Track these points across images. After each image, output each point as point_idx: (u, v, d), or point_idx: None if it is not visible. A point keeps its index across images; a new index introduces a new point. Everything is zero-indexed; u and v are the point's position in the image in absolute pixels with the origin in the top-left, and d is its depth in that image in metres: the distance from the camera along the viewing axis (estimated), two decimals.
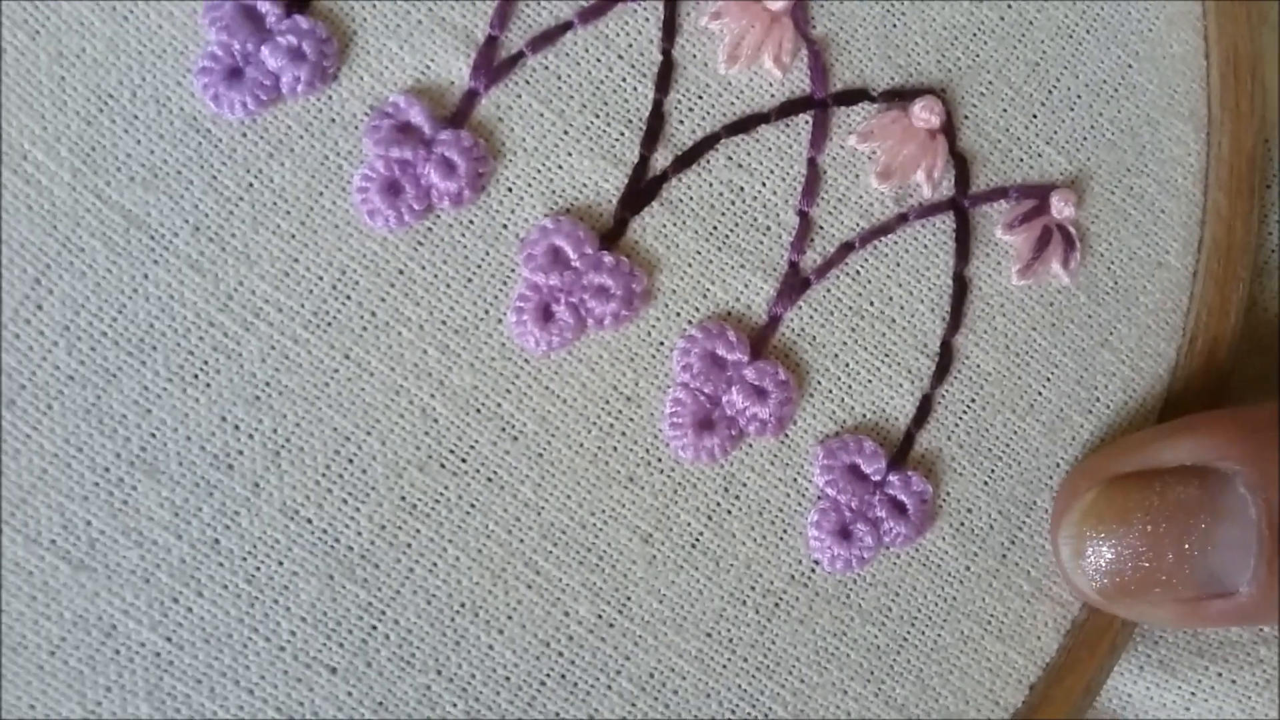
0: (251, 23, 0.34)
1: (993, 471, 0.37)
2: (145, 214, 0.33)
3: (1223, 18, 0.39)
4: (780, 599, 0.35)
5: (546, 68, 0.35)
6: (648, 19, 0.36)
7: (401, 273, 0.34)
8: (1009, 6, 0.38)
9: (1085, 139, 0.38)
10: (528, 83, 0.35)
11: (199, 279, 0.33)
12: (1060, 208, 0.37)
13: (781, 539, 0.36)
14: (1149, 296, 0.38)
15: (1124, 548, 0.34)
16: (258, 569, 0.33)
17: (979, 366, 0.37)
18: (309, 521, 0.33)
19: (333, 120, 0.34)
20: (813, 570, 0.36)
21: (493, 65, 0.35)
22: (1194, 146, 0.39)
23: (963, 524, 0.36)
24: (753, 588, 0.35)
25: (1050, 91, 0.38)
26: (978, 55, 0.37)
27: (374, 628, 0.33)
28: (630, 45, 0.36)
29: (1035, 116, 0.38)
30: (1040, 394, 0.37)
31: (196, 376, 0.33)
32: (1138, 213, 0.38)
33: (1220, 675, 0.37)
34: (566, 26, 0.35)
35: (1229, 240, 0.38)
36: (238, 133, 0.34)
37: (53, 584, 0.32)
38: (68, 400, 0.32)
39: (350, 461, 0.34)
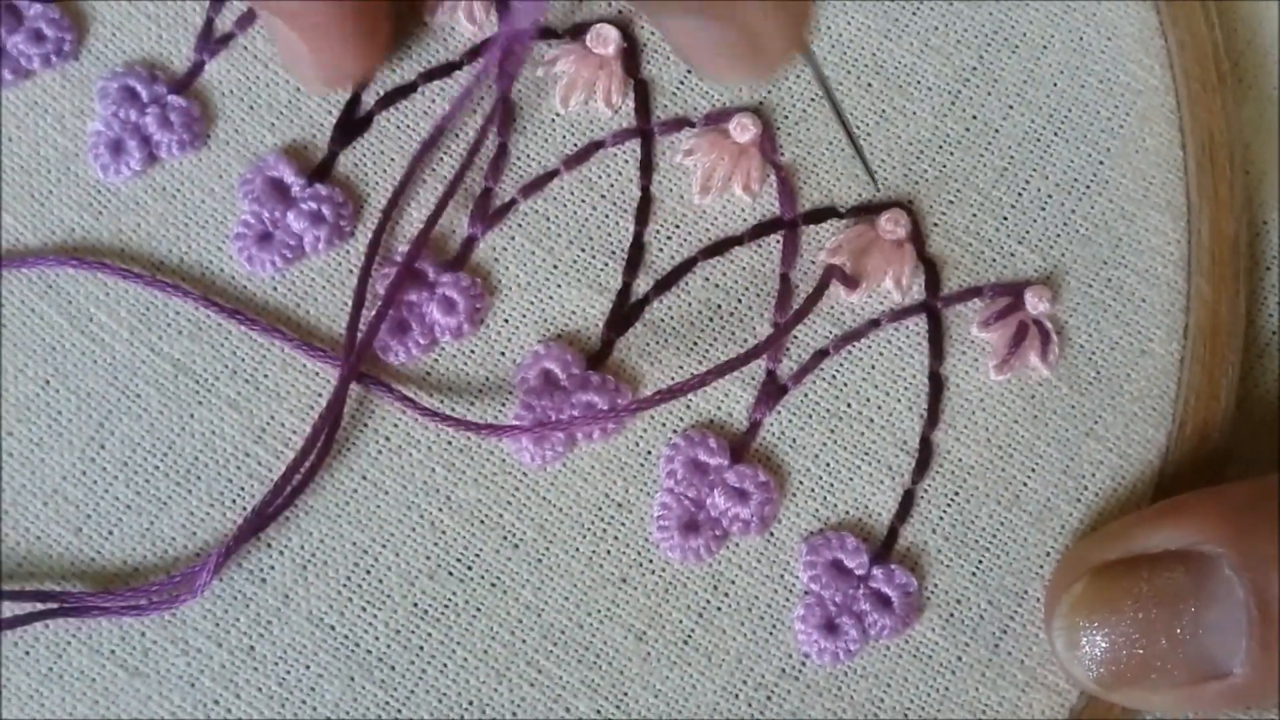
0: (278, 193, 0.37)
1: (980, 562, 0.36)
2: (191, 362, 0.37)
3: (1197, 108, 0.38)
4: (772, 692, 0.35)
5: (536, 211, 0.37)
6: (626, 160, 0.38)
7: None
8: (974, 118, 0.38)
9: (1059, 236, 0.38)
10: (520, 225, 0.37)
11: (236, 416, 0.36)
12: (1035, 303, 0.37)
13: (771, 634, 0.36)
14: (1134, 384, 0.37)
15: (1117, 636, 0.33)
16: (288, 672, 0.35)
17: (960, 460, 0.36)
18: (332, 628, 0.36)
19: (350, 271, 0.37)
20: (803, 664, 0.35)
21: (488, 213, 0.37)
22: (1173, 235, 0.38)
23: (952, 615, 0.36)
24: (744, 682, 0.35)
25: (1020, 194, 0.38)
26: (944, 166, 0.38)
27: None
28: (611, 185, 0.38)
29: (1006, 219, 0.38)
30: (1025, 485, 0.36)
31: (234, 501, 0.36)
32: (1117, 303, 0.37)
33: None
34: (553, 174, 0.38)
35: (1214, 324, 0.37)
36: (269, 286, 0.37)
37: (112, 689, 0.35)
38: (126, 527, 0.36)
39: (368, 573, 0.36)
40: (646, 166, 0.38)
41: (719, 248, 0.37)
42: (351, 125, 0.38)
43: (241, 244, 0.37)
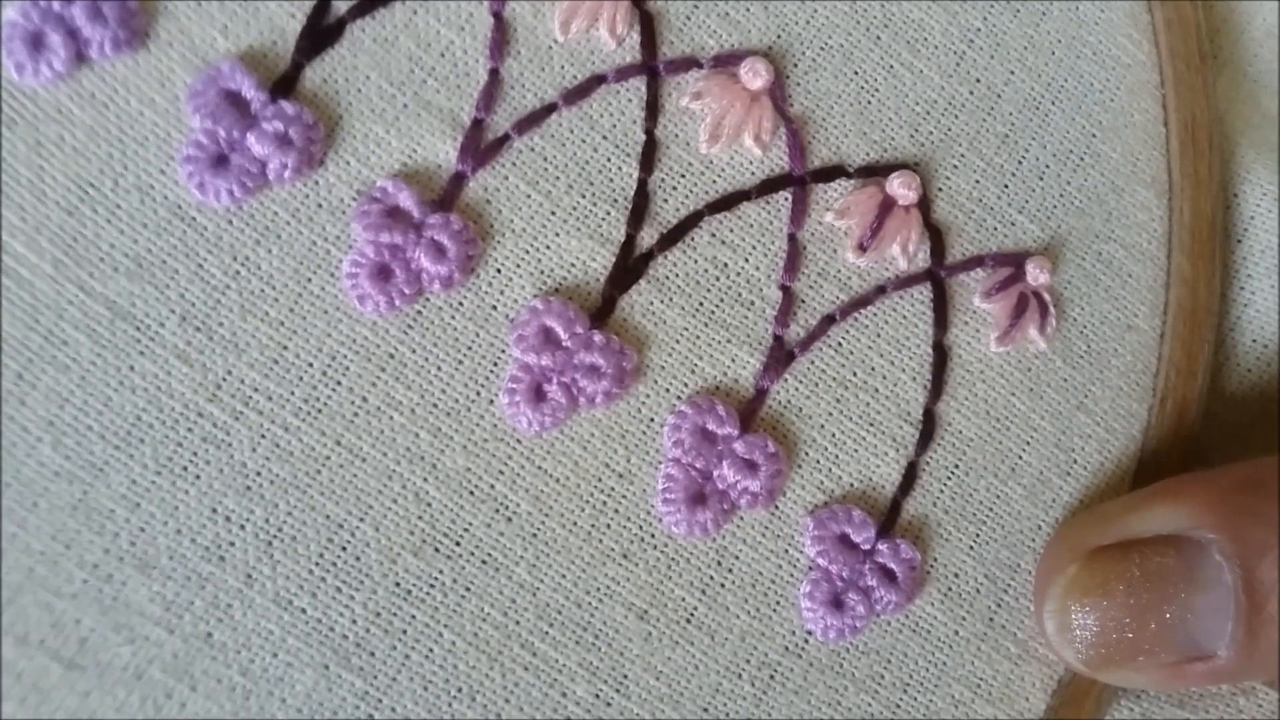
0: (236, 109, 0.31)
1: (978, 536, 0.35)
2: (130, 305, 0.30)
3: (1181, 87, 0.37)
4: (775, 671, 0.33)
5: (532, 149, 0.33)
6: (630, 100, 0.34)
7: (392, 357, 0.32)
8: (978, 81, 0.36)
9: (1055, 207, 0.36)
10: (514, 164, 0.33)
11: (186, 369, 0.31)
12: (1035, 275, 0.35)
13: (775, 611, 0.33)
14: (1120, 359, 0.36)
15: (1108, 619, 0.33)
16: (252, 661, 0.30)
17: (961, 433, 0.35)
18: (303, 611, 0.31)
19: (320, 206, 0.32)
20: (806, 641, 0.33)
21: (479, 148, 0.33)
22: (1157, 212, 0.37)
23: (950, 589, 0.35)
24: (748, 661, 0.33)
25: (1020, 162, 0.36)
26: (950, 129, 0.36)
27: (370, 717, 0.31)
28: (614, 126, 0.34)
29: (1007, 187, 0.36)
30: (1021, 458, 0.35)
31: (186, 468, 0.30)
32: (1107, 278, 0.37)
33: None
34: (551, 108, 0.33)
35: (1193, 303, 0.36)
36: (223, 220, 0.31)
37: (43, 685, 0.29)
38: (54, 496, 0.30)
39: (344, 549, 0.31)
40: (652, 108, 0.34)
41: (727, 202, 0.34)
42: (320, 33, 0.32)
43: (192, 168, 0.31)
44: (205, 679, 0.30)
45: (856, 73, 0.35)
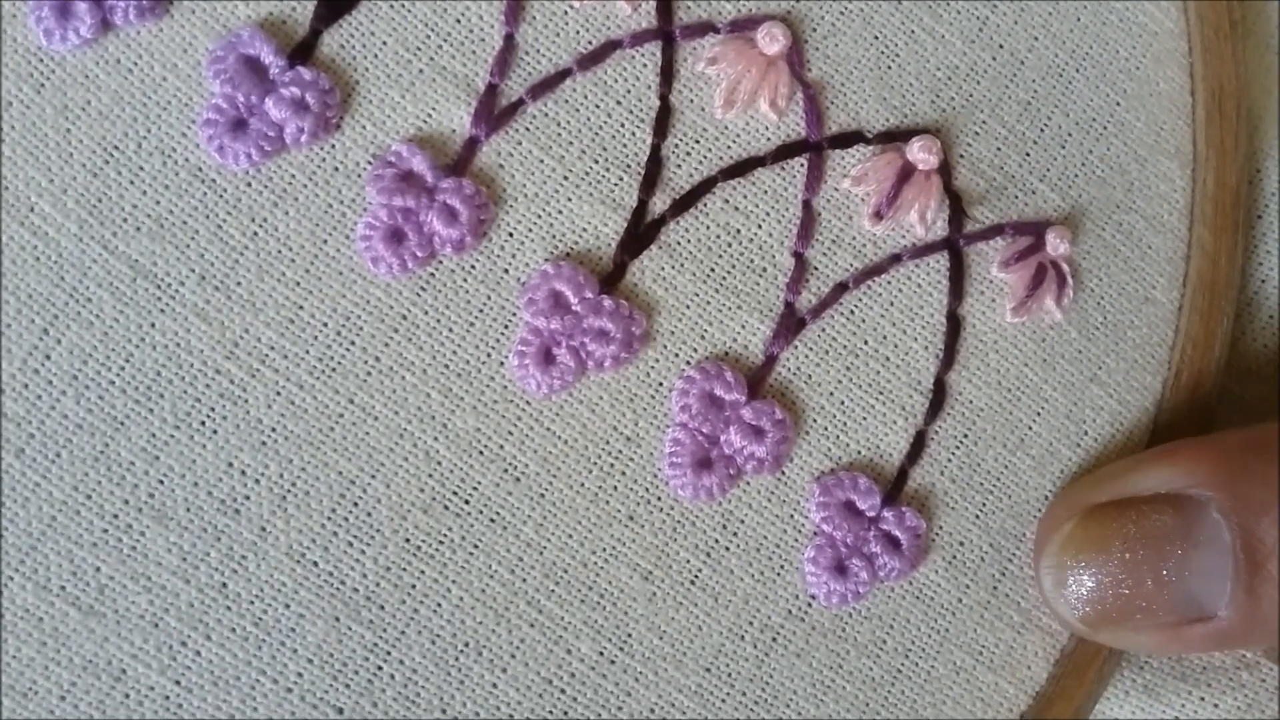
0: (255, 75, 0.31)
1: (984, 505, 0.34)
2: (152, 264, 0.31)
3: (1209, 55, 0.36)
4: (778, 634, 0.33)
5: (546, 114, 0.33)
6: (645, 65, 0.33)
7: (404, 318, 0.32)
8: (1000, 46, 0.35)
9: (1077, 176, 0.35)
10: (528, 130, 0.33)
11: (205, 327, 0.31)
12: (1055, 245, 0.34)
13: (778, 575, 0.33)
14: (1136, 331, 0.35)
15: (1104, 576, 0.32)
16: (265, 612, 0.31)
17: (972, 403, 0.34)
18: (315, 564, 0.31)
19: (336, 169, 0.32)
20: (809, 605, 0.33)
21: (493, 113, 0.32)
22: (1180, 183, 0.36)
23: (955, 557, 0.34)
24: (751, 623, 0.33)
25: (1042, 130, 0.35)
26: (971, 95, 0.35)
27: (379, 668, 0.31)
28: (628, 91, 0.33)
29: (1029, 154, 0.35)
30: (1031, 429, 0.35)
31: (203, 423, 0.31)
32: (1126, 249, 0.36)
33: (1203, 700, 0.35)
34: (565, 74, 0.33)
35: (1213, 275, 0.35)
36: (242, 183, 0.31)
37: (63, 630, 0.30)
38: (76, 448, 0.30)
39: (355, 505, 0.31)
40: (667, 73, 0.33)
41: (740, 168, 0.33)
42: (337, 0, 0.32)
43: (212, 131, 0.31)
44: (219, 628, 0.30)
45: (877, 37, 0.34)
